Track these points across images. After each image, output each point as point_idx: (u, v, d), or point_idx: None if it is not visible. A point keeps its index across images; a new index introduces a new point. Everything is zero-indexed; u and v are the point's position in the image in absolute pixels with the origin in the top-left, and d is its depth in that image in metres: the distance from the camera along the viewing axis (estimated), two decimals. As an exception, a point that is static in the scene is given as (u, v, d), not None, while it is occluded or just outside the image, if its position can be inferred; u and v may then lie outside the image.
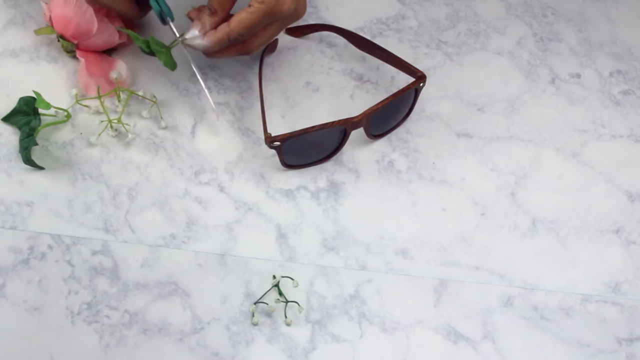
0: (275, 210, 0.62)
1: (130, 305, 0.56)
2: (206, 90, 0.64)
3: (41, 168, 0.61)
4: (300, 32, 0.72)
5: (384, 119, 0.65)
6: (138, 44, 0.62)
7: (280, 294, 0.58)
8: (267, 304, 0.57)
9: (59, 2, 0.64)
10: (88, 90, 0.65)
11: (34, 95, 0.62)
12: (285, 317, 0.57)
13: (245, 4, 0.61)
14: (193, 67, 0.64)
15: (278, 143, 0.61)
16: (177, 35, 0.63)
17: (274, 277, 0.59)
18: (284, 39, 0.72)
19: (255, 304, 0.57)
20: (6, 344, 0.54)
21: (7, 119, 0.63)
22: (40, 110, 0.62)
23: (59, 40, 0.66)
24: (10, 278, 0.57)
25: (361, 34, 0.72)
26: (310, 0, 0.74)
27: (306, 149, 0.63)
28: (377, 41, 0.70)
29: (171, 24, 0.63)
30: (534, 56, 0.75)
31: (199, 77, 0.64)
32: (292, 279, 0.59)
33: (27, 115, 0.63)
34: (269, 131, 0.62)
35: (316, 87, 0.70)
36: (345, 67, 0.71)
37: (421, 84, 0.65)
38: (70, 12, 0.63)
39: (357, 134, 0.65)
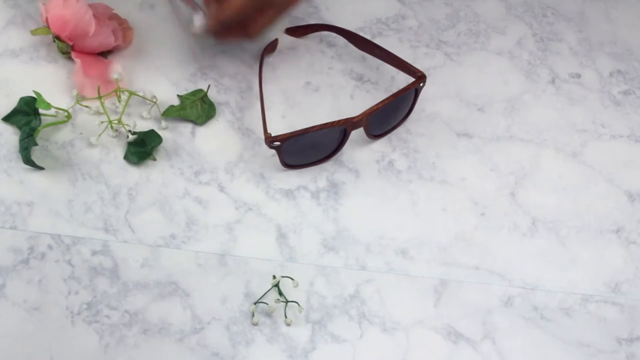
0: (275, 210, 0.62)
1: (130, 305, 0.56)
2: None
3: (41, 168, 0.61)
4: (300, 32, 0.72)
5: (384, 119, 0.65)
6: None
7: (280, 294, 0.58)
8: (267, 304, 0.57)
9: (57, 2, 0.64)
10: (84, 91, 0.65)
11: (34, 95, 0.62)
12: (285, 317, 0.57)
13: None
14: None
15: (278, 143, 0.61)
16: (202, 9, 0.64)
17: (274, 277, 0.59)
18: (284, 39, 0.72)
19: (255, 304, 0.57)
20: (6, 344, 0.54)
21: (7, 119, 0.63)
22: (41, 111, 0.62)
23: (54, 41, 0.66)
24: (10, 278, 0.57)
25: (361, 34, 0.72)
26: (310, 1, 0.75)
27: (306, 149, 0.63)
28: (377, 41, 0.70)
29: None
30: (534, 56, 0.75)
31: None
32: (292, 279, 0.59)
33: (27, 115, 0.63)
34: (269, 131, 0.62)
35: (316, 87, 0.70)
36: (345, 67, 0.71)
37: (421, 84, 0.65)
38: (68, 13, 0.63)
39: (357, 134, 0.65)
